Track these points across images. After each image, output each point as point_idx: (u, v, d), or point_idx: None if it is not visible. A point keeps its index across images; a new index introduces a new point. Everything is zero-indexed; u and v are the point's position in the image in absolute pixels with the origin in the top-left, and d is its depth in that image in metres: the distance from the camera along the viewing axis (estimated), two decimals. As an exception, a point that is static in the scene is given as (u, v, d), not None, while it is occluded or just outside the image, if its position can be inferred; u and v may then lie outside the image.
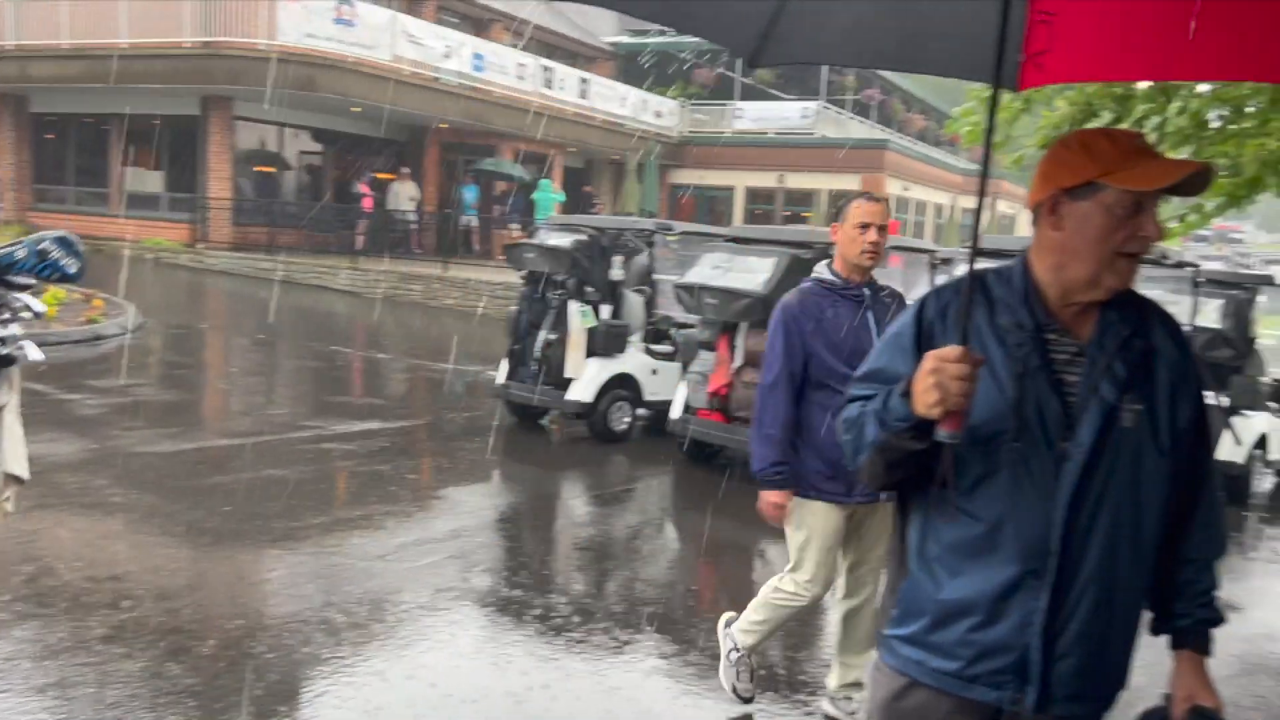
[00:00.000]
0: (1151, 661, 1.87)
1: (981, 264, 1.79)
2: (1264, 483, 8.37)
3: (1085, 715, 1.76)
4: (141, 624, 4.20)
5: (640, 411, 8.90)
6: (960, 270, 3.39)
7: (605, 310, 8.69)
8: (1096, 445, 1.68)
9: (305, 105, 20.88)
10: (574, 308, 8.48)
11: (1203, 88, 6.46)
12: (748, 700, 3.88)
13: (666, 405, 8.29)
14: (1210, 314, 8.05)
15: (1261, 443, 8.11)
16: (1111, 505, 1.69)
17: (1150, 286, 7.94)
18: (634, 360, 8.74)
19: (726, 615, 3.99)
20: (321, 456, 7.34)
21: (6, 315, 2.70)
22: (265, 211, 21.07)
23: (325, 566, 5.07)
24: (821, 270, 3.55)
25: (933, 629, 1.75)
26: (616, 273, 8.75)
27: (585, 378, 8.39)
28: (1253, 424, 7.97)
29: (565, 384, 8.47)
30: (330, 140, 23.33)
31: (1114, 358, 1.71)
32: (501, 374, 8.92)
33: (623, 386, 8.59)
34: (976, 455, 1.69)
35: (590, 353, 8.44)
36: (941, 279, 7.14)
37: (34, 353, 2.76)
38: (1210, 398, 7.59)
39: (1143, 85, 6.59)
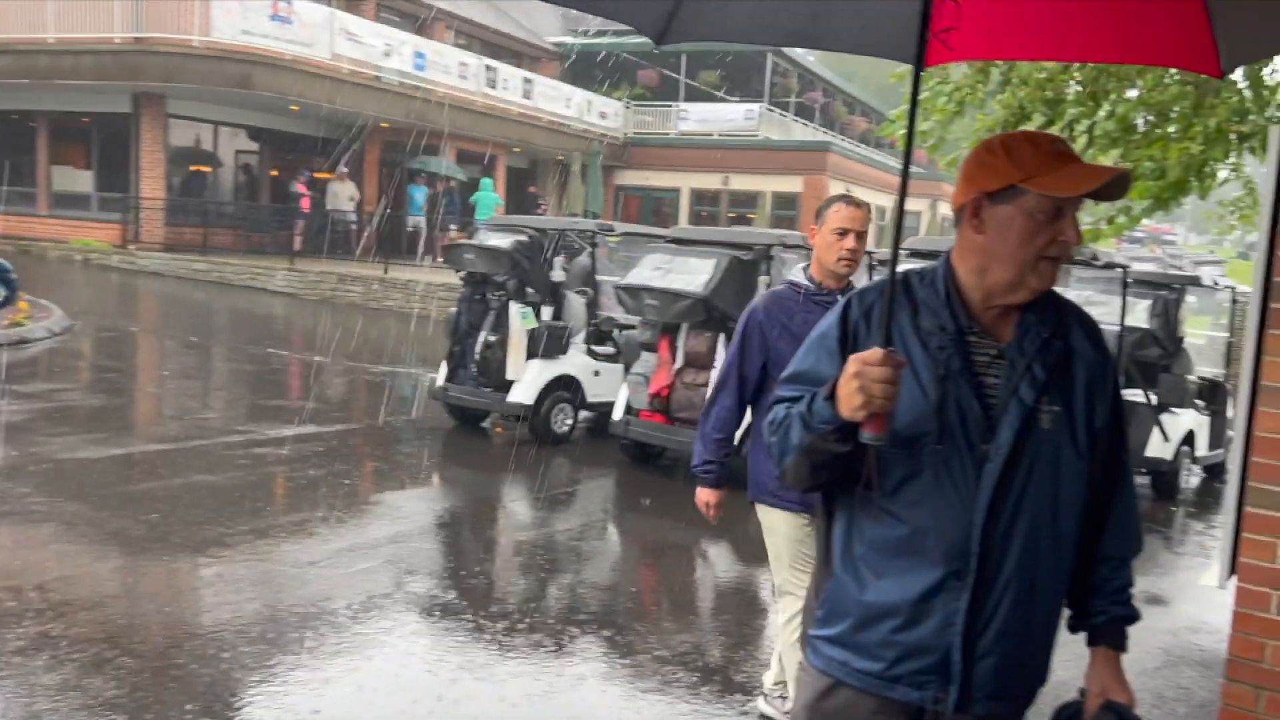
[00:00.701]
0: (1081, 655, 1.90)
1: (916, 265, 1.81)
2: (1191, 479, 8.60)
3: (1006, 713, 1.78)
4: (63, 635, 4.08)
5: (583, 413, 8.89)
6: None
7: (546, 311, 8.68)
8: (1016, 447, 1.70)
9: (241, 103, 20.52)
10: (514, 309, 8.44)
11: (1131, 93, 6.63)
12: None
13: (609, 407, 8.29)
14: (1139, 314, 8.25)
15: (1189, 439, 8.33)
16: (1031, 506, 1.71)
17: (1081, 287, 8.17)
18: (576, 362, 8.72)
19: (765, 685, 3.84)
20: (255, 462, 7.21)
21: None
22: (200, 211, 20.67)
23: (256, 574, 4.98)
24: (797, 274, 3.44)
25: (857, 630, 1.76)
26: (557, 274, 8.73)
27: (526, 380, 8.35)
28: (1180, 421, 8.19)
29: (506, 386, 8.42)
30: (267, 139, 22.96)
31: (1033, 360, 1.74)
32: (441, 376, 8.84)
33: (564, 388, 8.57)
34: (900, 457, 1.70)
35: (531, 354, 8.41)
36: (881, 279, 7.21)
37: None
38: (1139, 396, 7.82)
39: (1073, 90, 6.75)
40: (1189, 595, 5.90)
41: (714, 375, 7.38)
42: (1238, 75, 6.21)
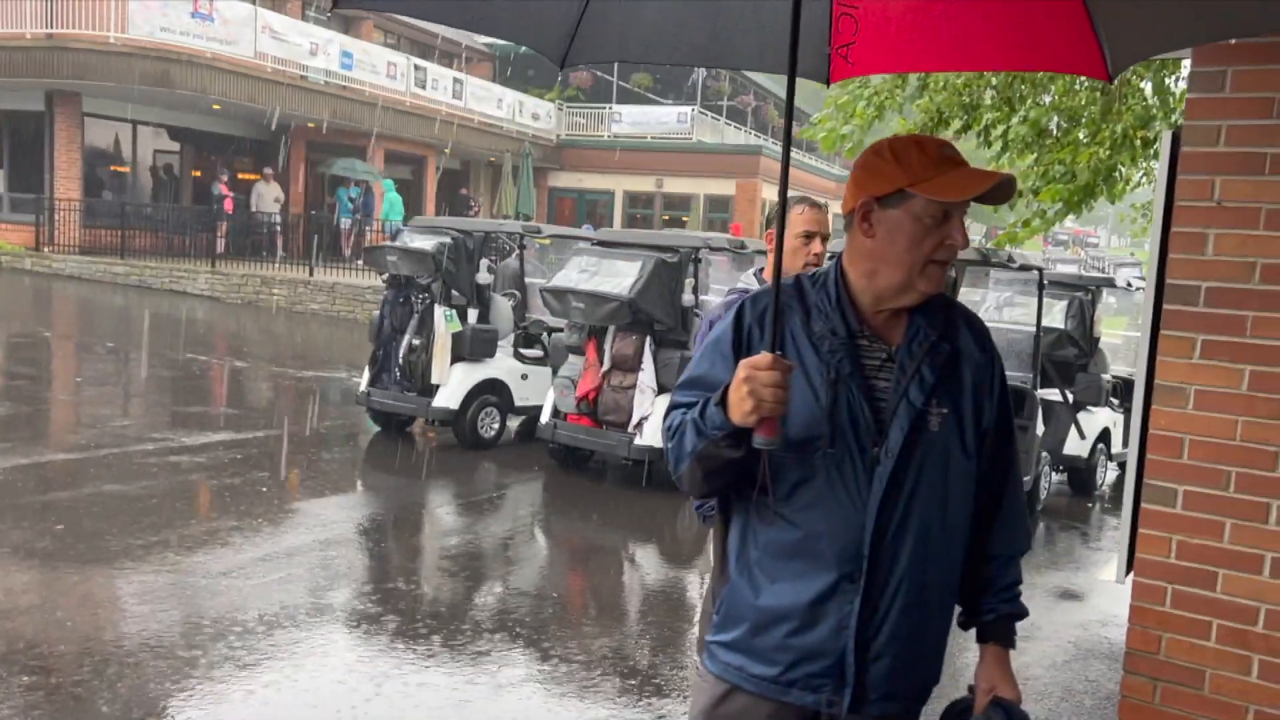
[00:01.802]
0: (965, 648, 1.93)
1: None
2: (1107, 475, 8.84)
3: (900, 713, 1.80)
4: (-46, 655, 3.92)
5: (511, 418, 8.83)
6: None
7: (472, 314, 8.60)
8: (905, 449, 1.72)
9: (161, 102, 20.00)
10: (439, 312, 8.35)
11: (1046, 99, 6.80)
12: None
13: (538, 410, 8.24)
14: (1056, 315, 8.46)
15: (1105, 436, 8.56)
16: (921, 507, 1.74)
17: (999, 289, 8.35)
18: (503, 365, 8.66)
19: None
20: (168, 470, 7.02)
21: None
22: (117, 213, 20.09)
23: (164, 586, 4.84)
24: (750, 280, 3.33)
25: (752, 634, 1.77)
26: (483, 276, 8.66)
27: (451, 383, 8.27)
28: (1096, 419, 8.42)
29: (431, 390, 8.33)
30: (188, 139, 22.42)
31: (921, 362, 1.77)
32: (364, 381, 8.71)
33: (492, 392, 8.50)
34: (792, 461, 1.71)
35: (456, 358, 8.33)
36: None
37: None
38: (1056, 395, 8.01)
39: (989, 95, 6.90)
40: (1100, 589, 6.05)
41: (643, 378, 7.39)
42: (1144, 83, 6.41)
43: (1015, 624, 1.90)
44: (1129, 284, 9.76)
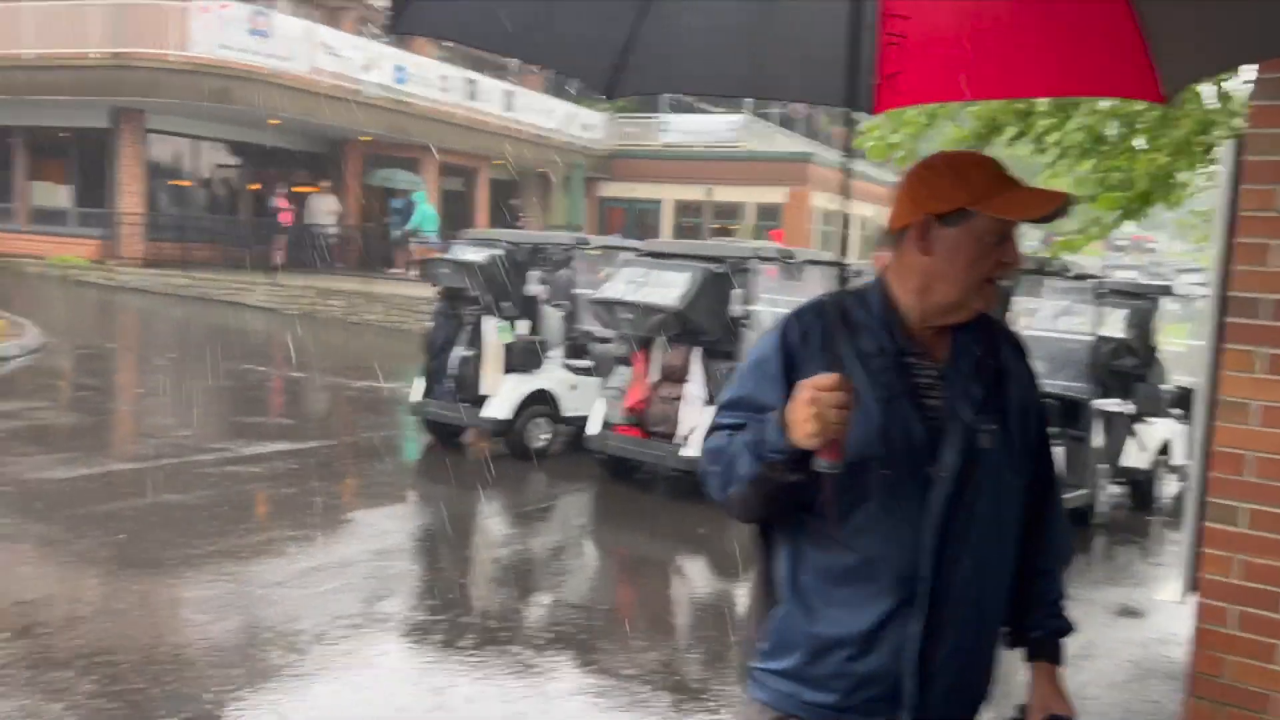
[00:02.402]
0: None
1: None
2: (1168, 487, 8.62)
3: None
4: (20, 660, 4.02)
5: (560, 427, 8.85)
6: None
7: (522, 326, 8.64)
8: (960, 468, 1.70)
9: (220, 117, 20.47)
10: (490, 323, 8.41)
11: (1102, 104, 6.66)
12: None
13: (586, 421, 8.25)
14: (1115, 324, 8.28)
15: (1165, 448, 8.36)
16: (977, 527, 1.71)
17: (1056, 298, 8.19)
18: (552, 376, 8.68)
19: None
20: (226, 480, 7.15)
21: None
22: (179, 226, 20.58)
23: (221, 595, 4.92)
24: None
25: (807, 662, 1.73)
26: (533, 287, 8.70)
27: (502, 394, 8.31)
28: (1156, 430, 8.22)
29: (482, 401, 8.39)
30: (247, 153, 22.90)
31: (970, 379, 1.75)
32: (417, 391, 8.80)
33: (541, 402, 8.53)
34: (847, 483, 1.67)
35: (507, 369, 8.37)
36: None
37: None
38: (1116, 405, 7.84)
39: (1043, 102, 6.78)
40: (1162, 606, 5.90)
41: (692, 389, 7.36)
42: (1205, 87, 6.25)
43: (1064, 640, 1.87)
44: (1191, 292, 9.53)
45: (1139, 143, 6.13)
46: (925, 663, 1.69)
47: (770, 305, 9.76)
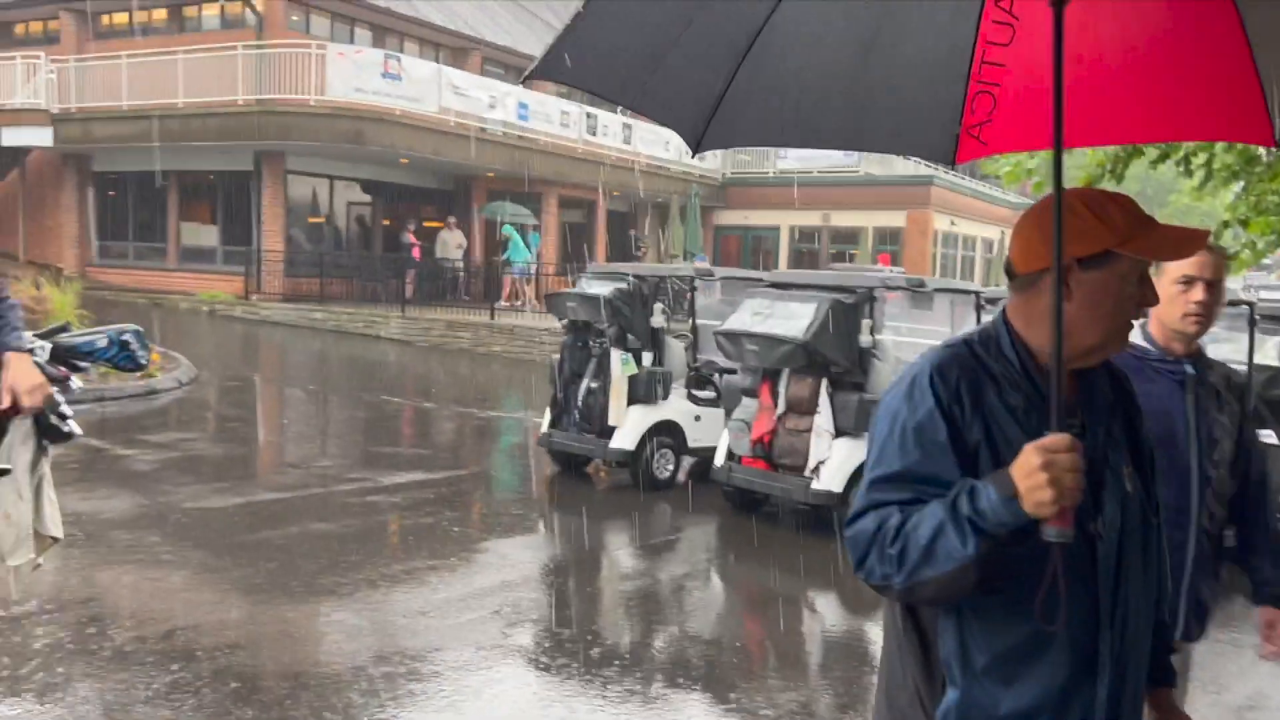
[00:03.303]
0: None
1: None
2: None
3: None
4: (187, 684, 4.24)
5: (685, 459, 8.86)
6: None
7: (647, 357, 8.71)
8: (1121, 522, 1.64)
9: (355, 157, 21.36)
10: (615, 355, 8.50)
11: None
12: None
13: (711, 452, 8.24)
14: (1270, 351, 7.82)
15: (1328, 483, 7.83)
16: (1136, 577, 1.67)
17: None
18: (677, 407, 8.72)
19: None
20: (367, 510, 7.41)
21: (64, 395, 2.84)
22: (316, 262, 21.51)
23: (368, 623, 5.09)
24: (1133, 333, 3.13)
25: None
26: (657, 319, 8.77)
27: (627, 425, 8.39)
28: (1318, 464, 7.71)
29: (609, 432, 8.47)
30: (379, 191, 23.81)
31: (1108, 423, 1.69)
32: (545, 423, 8.95)
33: (666, 434, 8.57)
34: (1020, 549, 1.56)
35: (632, 400, 8.45)
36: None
37: (78, 429, 2.92)
38: (1272, 437, 7.38)
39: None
40: None
41: (820, 421, 7.27)
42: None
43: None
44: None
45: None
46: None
47: (897, 334, 9.61)
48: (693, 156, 2.28)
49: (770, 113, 2.15)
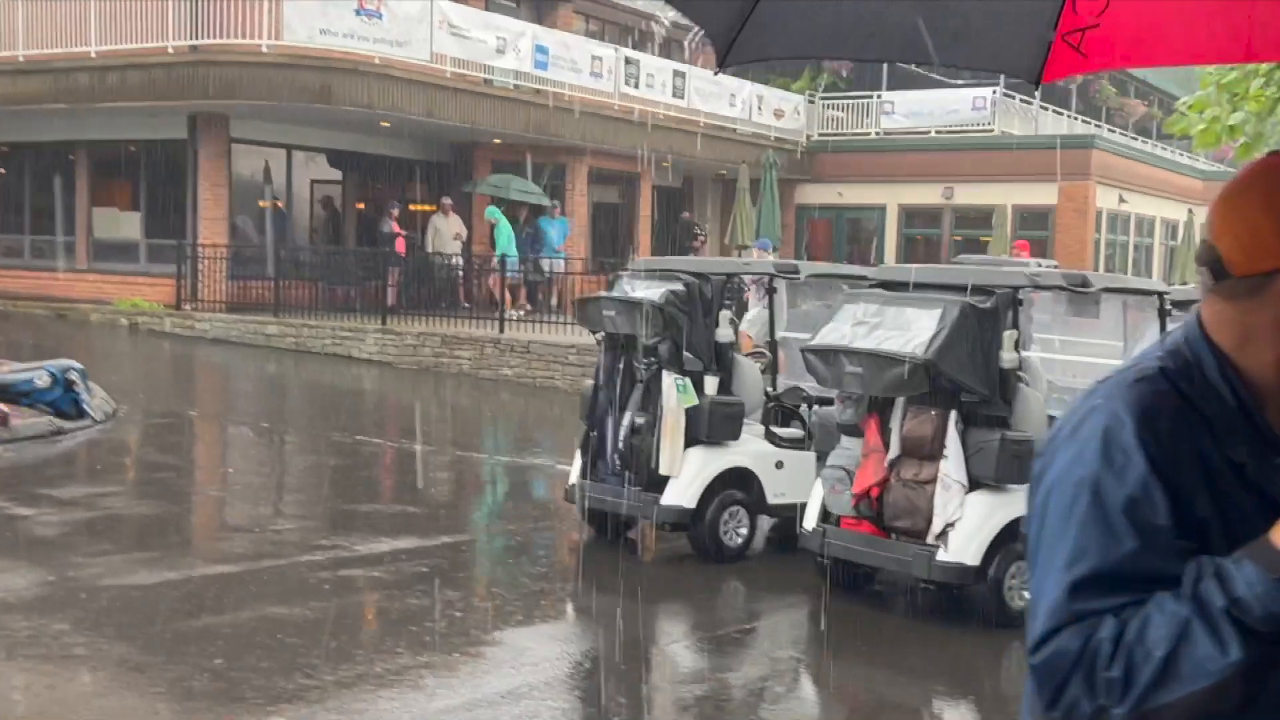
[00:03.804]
0: None
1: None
2: None
3: None
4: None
5: (762, 520, 8.84)
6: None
7: (711, 383, 8.70)
8: None
9: (320, 120, 21.61)
10: (668, 381, 8.51)
11: None
12: None
13: (798, 511, 8.21)
14: None
15: None
16: None
17: None
18: (751, 450, 8.70)
19: None
20: (341, 588, 7.47)
21: None
22: (270, 260, 21.75)
23: (344, 741, 5.13)
24: None
25: None
26: (724, 332, 8.77)
27: (686, 475, 8.38)
28: None
29: (659, 483, 8.47)
30: (351, 164, 24.07)
31: None
32: (574, 471, 8.97)
33: (737, 486, 8.55)
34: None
35: (691, 441, 8.44)
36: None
37: None
38: None
39: None
40: None
41: (948, 469, 7.22)
42: None
43: None
44: None
45: None
46: None
47: (1049, 350, 9.52)
48: (716, 73, 2.37)
49: (815, 11, 2.21)
